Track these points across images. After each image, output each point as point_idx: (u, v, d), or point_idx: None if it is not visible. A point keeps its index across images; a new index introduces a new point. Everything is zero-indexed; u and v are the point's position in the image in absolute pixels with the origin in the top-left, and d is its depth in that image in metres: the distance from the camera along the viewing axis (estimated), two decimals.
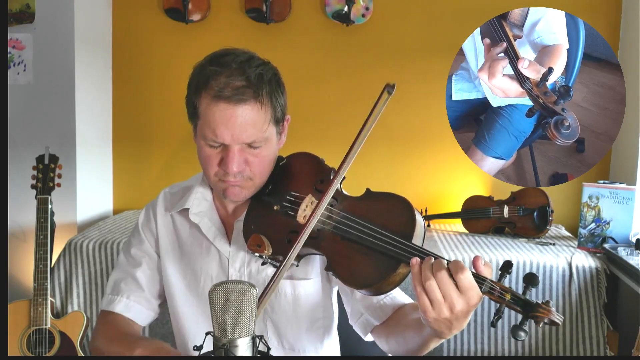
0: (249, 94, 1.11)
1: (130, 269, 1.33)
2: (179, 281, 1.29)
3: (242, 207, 1.23)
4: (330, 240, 1.07)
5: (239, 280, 0.87)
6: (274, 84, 1.16)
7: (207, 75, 1.12)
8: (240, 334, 0.84)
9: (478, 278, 0.92)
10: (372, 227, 1.03)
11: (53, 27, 2.70)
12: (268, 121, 1.15)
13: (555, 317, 0.88)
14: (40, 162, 2.25)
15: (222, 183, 1.17)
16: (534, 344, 2.23)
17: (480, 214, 2.64)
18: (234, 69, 1.11)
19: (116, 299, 1.30)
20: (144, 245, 1.33)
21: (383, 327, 1.19)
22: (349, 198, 1.13)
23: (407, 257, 0.97)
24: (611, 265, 2.22)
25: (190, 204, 1.27)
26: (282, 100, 1.19)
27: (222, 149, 1.14)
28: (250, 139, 1.13)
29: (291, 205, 1.15)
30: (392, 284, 1.01)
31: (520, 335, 0.88)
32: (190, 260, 1.28)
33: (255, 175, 1.17)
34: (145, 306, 1.32)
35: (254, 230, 1.15)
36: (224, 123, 1.11)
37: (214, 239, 1.25)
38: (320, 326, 1.27)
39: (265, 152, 1.16)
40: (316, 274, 1.24)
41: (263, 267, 1.22)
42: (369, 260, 1.02)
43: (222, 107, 1.10)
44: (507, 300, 0.90)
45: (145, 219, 1.34)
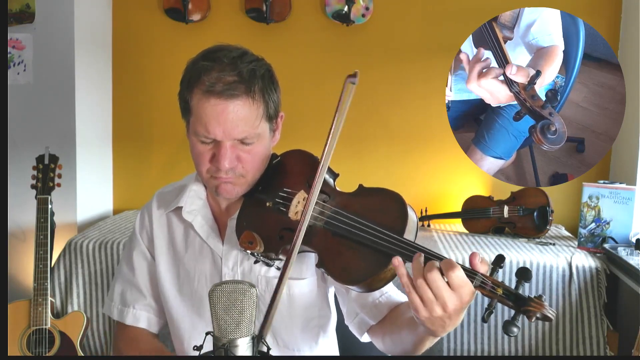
0: (240, 89, 1.10)
1: (131, 278, 1.34)
2: (173, 281, 1.29)
3: (236, 205, 1.23)
4: (322, 236, 1.06)
5: (239, 280, 0.87)
6: (266, 80, 1.15)
7: (199, 70, 1.12)
8: (240, 334, 0.84)
9: (469, 272, 0.91)
10: (364, 222, 1.02)
11: (53, 27, 2.70)
12: (260, 117, 1.14)
13: (548, 312, 0.87)
14: (40, 162, 2.25)
15: (214, 180, 1.16)
16: (534, 344, 2.23)
17: (480, 214, 2.64)
18: (226, 64, 1.11)
19: (125, 311, 1.33)
20: (141, 249, 1.33)
21: (379, 327, 1.18)
22: (341, 194, 1.12)
23: (398, 253, 0.96)
24: (611, 265, 2.22)
25: (183, 202, 1.27)
26: (275, 96, 1.18)
27: (214, 145, 1.14)
28: (242, 135, 1.12)
29: (283, 201, 1.14)
30: (384, 280, 1.00)
31: (512, 330, 0.87)
32: (184, 259, 1.28)
33: (247, 172, 1.16)
34: (152, 312, 1.34)
35: (246, 227, 1.14)
36: (215, 118, 1.10)
37: (207, 238, 1.25)
38: (315, 325, 1.26)
39: (258, 148, 1.16)
40: (311, 274, 1.23)
41: (256, 266, 1.21)
42: (360, 255, 1.01)
43: (213, 102, 1.10)
44: (499, 295, 0.89)
45: (140, 222, 1.35)
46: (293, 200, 1.12)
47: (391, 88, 2.98)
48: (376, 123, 2.98)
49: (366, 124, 2.97)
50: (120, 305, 1.34)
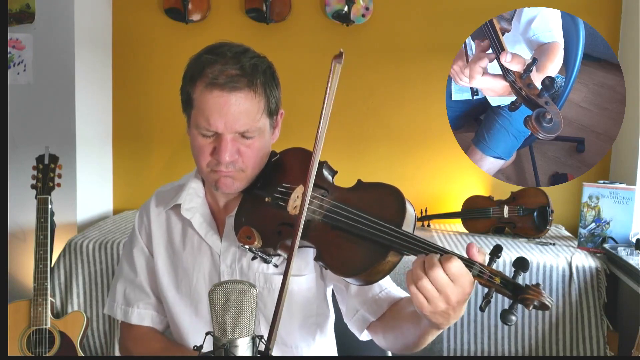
0: (243, 82, 1.11)
1: (133, 277, 1.34)
2: (171, 278, 1.29)
3: (234, 203, 1.23)
4: (320, 230, 1.07)
5: (239, 280, 0.87)
6: (268, 75, 1.16)
7: (202, 64, 1.13)
8: (240, 334, 0.84)
9: (467, 262, 0.92)
10: (362, 215, 1.02)
11: (53, 27, 2.70)
12: (261, 111, 1.15)
13: (546, 300, 0.87)
14: (40, 162, 2.25)
15: (214, 174, 1.17)
16: (534, 344, 2.23)
17: (480, 214, 2.64)
18: (229, 57, 1.12)
19: (129, 310, 1.33)
20: (141, 247, 1.34)
21: (379, 323, 1.19)
22: (340, 189, 1.13)
23: (396, 244, 0.97)
24: (611, 265, 2.22)
25: (182, 199, 1.27)
26: (276, 92, 1.19)
27: (215, 139, 1.14)
28: (243, 128, 1.13)
29: (282, 196, 1.14)
30: (382, 272, 1.00)
31: (510, 319, 0.87)
32: (182, 256, 1.28)
33: (247, 167, 1.16)
34: (157, 310, 1.34)
35: (245, 223, 1.15)
36: (218, 111, 1.11)
37: (205, 235, 1.25)
38: (313, 323, 1.27)
39: (258, 143, 1.16)
40: (310, 271, 1.23)
41: (254, 263, 1.21)
42: (358, 247, 1.01)
43: (216, 94, 1.11)
44: (497, 284, 0.89)
45: (139, 220, 1.35)
46: (292, 195, 1.12)
47: (391, 88, 2.98)
48: (376, 123, 2.98)
49: (366, 124, 2.98)
50: (124, 305, 1.33)
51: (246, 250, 1.14)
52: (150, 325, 1.33)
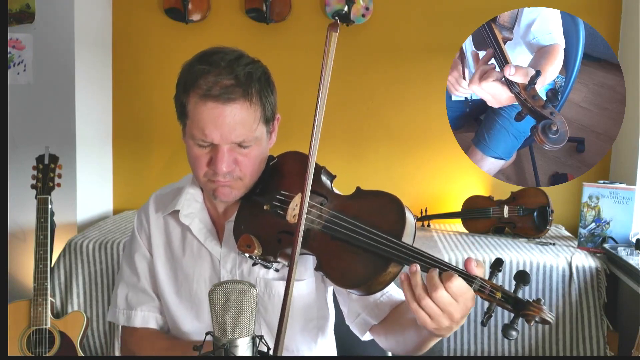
0: (237, 92, 1.09)
1: (135, 281, 1.32)
2: (171, 283, 1.28)
3: (233, 208, 1.22)
4: (320, 239, 1.06)
5: (239, 280, 0.87)
6: (263, 83, 1.14)
7: (195, 74, 1.11)
8: (240, 334, 0.84)
9: (467, 277, 0.92)
10: (362, 226, 1.01)
11: (53, 27, 2.70)
12: (258, 120, 1.13)
13: (547, 316, 0.88)
14: (40, 162, 2.25)
15: (211, 183, 1.16)
16: (534, 344, 2.23)
17: (480, 214, 2.64)
18: (223, 67, 1.10)
19: (132, 314, 1.30)
20: (142, 251, 1.32)
21: (381, 326, 1.19)
22: (339, 197, 1.12)
23: (397, 256, 0.97)
24: (611, 265, 2.22)
25: (180, 205, 1.26)
26: (272, 99, 1.17)
27: (211, 149, 1.13)
28: (240, 139, 1.11)
29: (281, 204, 1.13)
30: (383, 283, 1.00)
31: (511, 334, 0.88)
32: (182, 262, 1.27)
33: (245, 175, 1.15)
34: (161, 312, 1.32)
35: (244, 231, 1.14)
36: (213, 122, 1.09)
37: (204, 241, 1.25)
38: (314, 326, 1.26)
39: (255, 151, 1.15)
40: (310, 275, 1.23)
41: (254, 268, 1.21)
42: (358, 259, 1.01)
43: (210, 106, 1.09)
44: (498, 299, 0.90)
45: (139, 223, 1.34)
46: (290, 203, 1.12)
47: (391, 88, 2.98)
48: (376, 123, 2.98)
49: (366, 124, 2.97)
50: (126, 310, 1.31)
51: (246, 257, 1.14)
52: (154, 327, 1.31)
